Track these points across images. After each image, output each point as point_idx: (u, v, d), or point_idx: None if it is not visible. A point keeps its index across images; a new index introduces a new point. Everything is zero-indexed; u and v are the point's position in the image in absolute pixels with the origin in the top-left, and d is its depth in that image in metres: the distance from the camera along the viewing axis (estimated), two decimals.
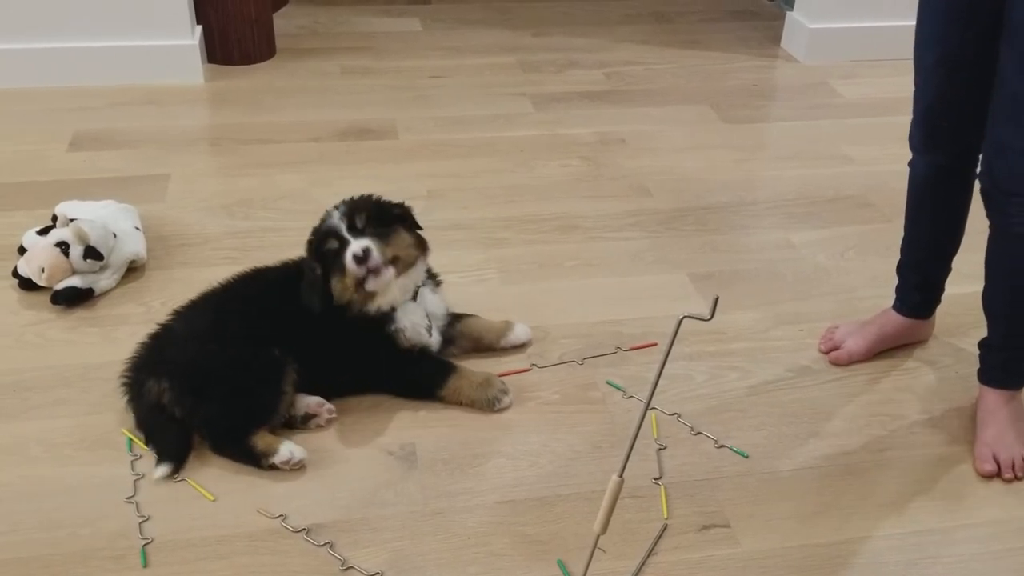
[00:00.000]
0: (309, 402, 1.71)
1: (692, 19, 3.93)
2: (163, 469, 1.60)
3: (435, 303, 1.84)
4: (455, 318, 1.89)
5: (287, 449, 1.61)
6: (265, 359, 1.66)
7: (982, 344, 1.76)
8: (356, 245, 1.67)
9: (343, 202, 1.75)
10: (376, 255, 1.67)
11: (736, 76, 3.37)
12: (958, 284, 1.91)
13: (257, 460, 1.61)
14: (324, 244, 1.71)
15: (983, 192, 1.61)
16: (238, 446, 1.62)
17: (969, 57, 1.58)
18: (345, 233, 1.69)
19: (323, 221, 1.75)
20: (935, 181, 1.79)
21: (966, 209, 1.81)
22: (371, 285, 1.69)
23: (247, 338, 1.68)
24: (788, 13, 3.59)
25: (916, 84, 1.70)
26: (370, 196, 1.77)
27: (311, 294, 1.70)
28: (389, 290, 1.72)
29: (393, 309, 1.74)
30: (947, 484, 1.65)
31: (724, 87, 3.27)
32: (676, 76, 3.35)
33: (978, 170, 1.64)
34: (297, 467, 1.61)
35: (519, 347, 1.93)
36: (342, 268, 1.69)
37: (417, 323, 1.77)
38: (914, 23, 1.65)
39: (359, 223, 1.70)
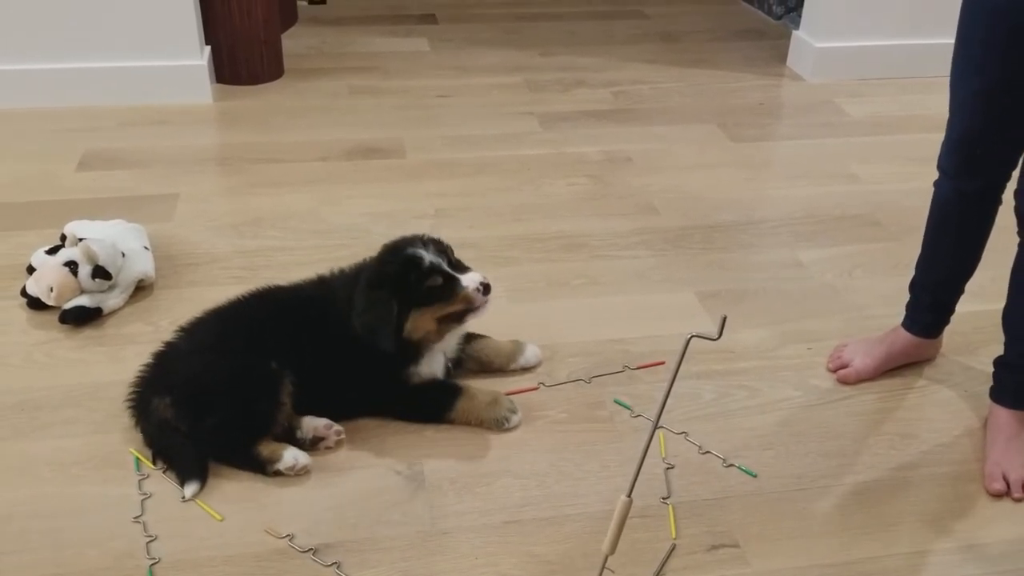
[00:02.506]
0: (317, 425, 1.70)
1: (699, 38, 3.94)
2: (192, 488, 1.60)
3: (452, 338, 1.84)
4: (465, 338, 1.88)
5: (291, 455, 1.62)
6: (262, 371, 1.66)
7: (998, 362, 1.75)
8: (477, 276, 1.72)
9: (419, 240, 1.74)
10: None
11: (743, 95, 3.37)
12: (967, 302, 1.90)
13: (262, 467, 1.62)
14: (419, 279, 1.69)
15: (1017, 212, 1.60)
16: (243, 455, 1.63)
17: (1010, 87, 1.56)
18: (448, 268, 1.71)
19: (402, 255, 1.72)
20: (963, 206, 1.76)
21: (989, 232, 1.79)
22: (475, 316, 1.74)
23: (253, 354, 1.68)
24: (794, 32, 3.60)
25: (952, 111, 1.67)
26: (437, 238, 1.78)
27: (383, 331, 1.67)
28: (455, 333, 1.78)
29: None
30: (957, 503, 1.64)
31: (731, 106, 3.27)
32: (683, 95, 3.36)
33: (1014, 188, 1.63)
34: (302, 472, 1.62)
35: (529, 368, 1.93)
36: (447, 298, 1.70)
37: (435, 368, 1.79)
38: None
39: (453, 260, 1.74)
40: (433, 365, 1.78)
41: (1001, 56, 1.54)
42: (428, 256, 1.70)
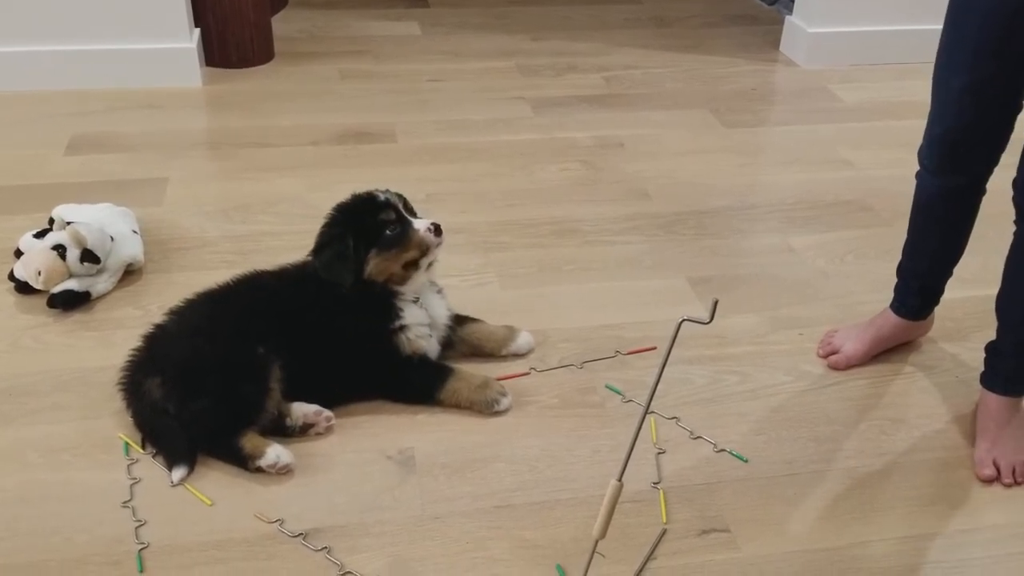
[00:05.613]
0: (307, 411, 1.69)
1: (692, 23, 3.93)
2: (180, 472, 1.59)
3: (438, 308, 1.83)
4: (457, 321, 1.88)
5: (274, 453, 1.60)
6: (249, 356, 1.65)
7: (990, 348, 1.75)
8: (426, 220, 1.76)
9: (378, 191, 1.79)
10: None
11: (736, 80, 3.36)
12: (957, 288, 1.91)
13: (244, 462, 1.60)
14: (373, 211, 1.74)
15: (1015, 201, 1.60)
16: (226, 446, 1.61)
17: (999, 86, 1.56)
18: (403, 211, 1.76)
19: (356, 195, 1.79)
20: (946, 200, 1.76)
21: (974, 222, 1.78)
22: (430, 257, 1.76)
23: (241, 339, 1.67)
24: (787, 18, 3.59)
25: (934, 106, 1.66)
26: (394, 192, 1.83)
27: (342, 268, 1.71)
28: (419, 276, 1.78)
29: (416, 299, 1.78)
30: (947, 489, 1.65)
31: (724, 91, 3.27)
32: (675, 80, 3.35)
33: (1011, 178, 1.62)
34: (284, 471, 1.61)
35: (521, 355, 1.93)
36: (402, 243, 1.73)
37: (420, 322, 1.77)
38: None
39: (409, 207, 1.79)
40: (418, 317, 1.77)
41: (994, 57, 1.53)
42: (382, 194, 1.77)
